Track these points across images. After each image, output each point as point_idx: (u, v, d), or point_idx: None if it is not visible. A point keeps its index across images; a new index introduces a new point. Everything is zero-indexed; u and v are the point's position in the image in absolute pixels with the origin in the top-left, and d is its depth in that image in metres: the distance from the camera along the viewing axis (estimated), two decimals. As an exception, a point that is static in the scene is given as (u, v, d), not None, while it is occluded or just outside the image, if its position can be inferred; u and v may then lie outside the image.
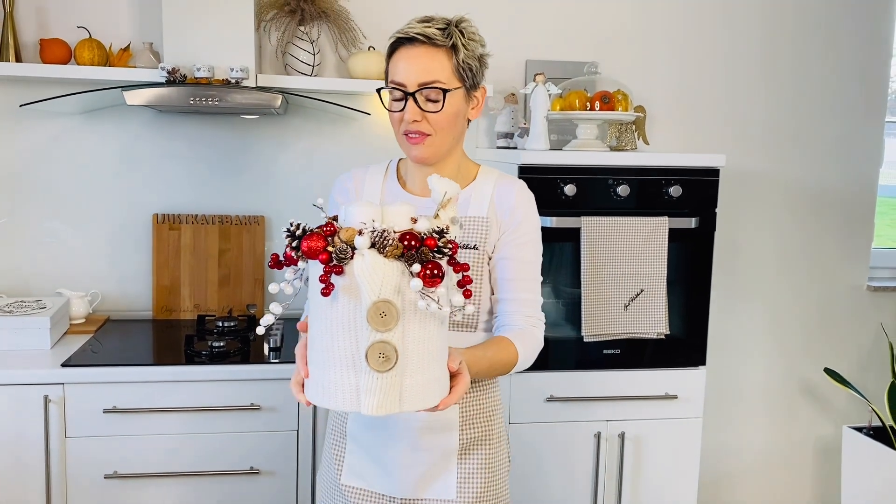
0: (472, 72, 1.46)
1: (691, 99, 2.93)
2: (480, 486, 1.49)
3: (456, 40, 1.43)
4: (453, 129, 1.47)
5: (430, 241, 1.09)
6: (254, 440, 2.20)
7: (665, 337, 2.37)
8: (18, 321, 2.25)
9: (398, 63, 1.44)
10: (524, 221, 1.52)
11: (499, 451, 1.55)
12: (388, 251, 1.07)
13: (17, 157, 2.58)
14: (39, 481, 2.12)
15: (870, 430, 2.83)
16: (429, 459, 1.47)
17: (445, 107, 1.42)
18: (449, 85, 1.43)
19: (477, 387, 1.52)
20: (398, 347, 1.07)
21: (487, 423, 1.53)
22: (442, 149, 1.48)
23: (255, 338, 2.42)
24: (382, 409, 1.08)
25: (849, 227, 3.11)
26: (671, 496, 2.48)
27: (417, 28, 1.42)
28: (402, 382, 1.09)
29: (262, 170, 2.70)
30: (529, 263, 1.52)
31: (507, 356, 1.43)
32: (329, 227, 1.10)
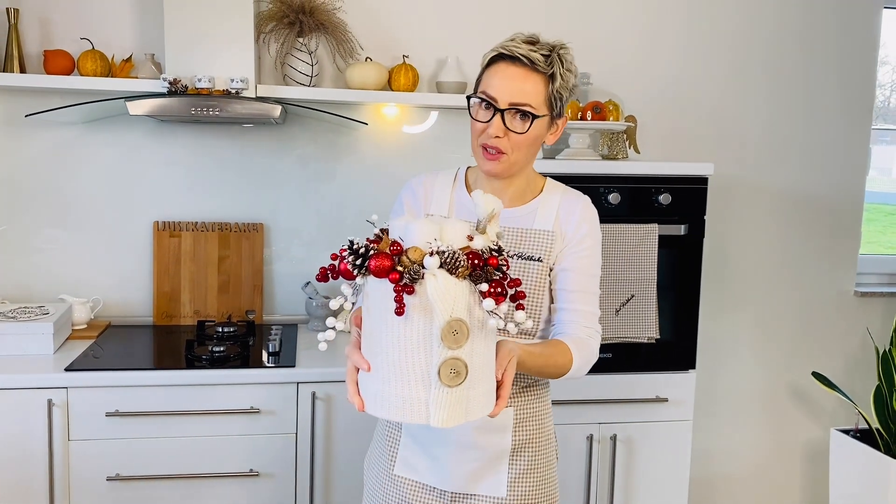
0: (562, 101, 1.50)
1: (681, 109, 2.99)
2: (531, 485, 1.54)
3: (556, 69, 1.46)
4: (530, 150, 1.50)
5: (493, 261, 1.13)
6: (253, 443, 2.25)
7: (655, 341, 2.43)
8: (22, 327, 2.30)
9: (495, 77, 1.46)
10: (588, 235, 1.54)
11: (548, 452, 1.59)
12: (460, 272, 1.11)
13: (22, 165, 2.62)
14: (43, 483, 2.16)
15: (857, 433, 2.88)
16: (481, 457, 1.51)
17: (530, 131, 1.46)
18: (538, 111, 1.46)
19: (531, 390, 1.56)
20: (468, 363, 1.12)
21: (539, 425, 1.57)
22: (514, 168, 1.51)
23: (254, 342, 2.46)
24: (451, 421, 1.12)
25: (836, 234, 3.17)
26: (662, 497, 2.54)
27: (523, 49, 1.44)
28: (469, 395, 1.14)
29: (260, 178, 2.76)
30: (589, 276, 1.54)
31: (562, 359, 1.45)
32: (396, 247, 1.12)
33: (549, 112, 1.49)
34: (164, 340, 2.52)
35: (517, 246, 1.54)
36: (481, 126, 1.47)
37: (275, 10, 2.58)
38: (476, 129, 1.50)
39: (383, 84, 2.64)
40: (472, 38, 2.81)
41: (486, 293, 1.11)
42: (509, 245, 1.54)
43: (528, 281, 1.53)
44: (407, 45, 2.77)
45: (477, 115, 1.48)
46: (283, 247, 2.79)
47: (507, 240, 1.54)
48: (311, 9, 2.58)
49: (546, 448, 1.59)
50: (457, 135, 2.83)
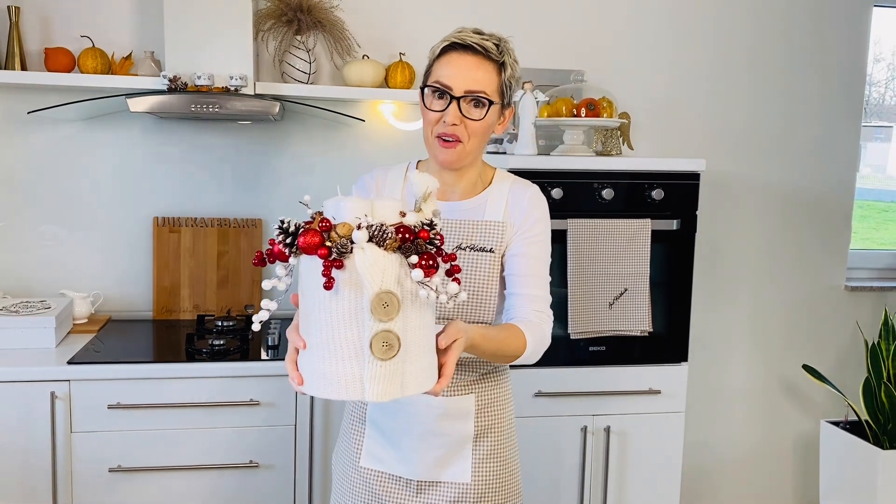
0: (510, 90, 1.53)
1: (674, 105, 3.03)
2: (494, 470, 1.58)
3: (506, 58, 1.49)
4: (483, 139, 1.53)
5: (424, 234, 1.14)
6: (253, 435, 2.29)
7: (648, 334, 2.47)
8: (25, 321, 2.33)
9: (447, 66, 1.48)
10: (536, 222, 1.56)
11: (510, 438, 1.63)
12: (388, 244, 1.11)
13: (23, 161, 2.65)
14: (46, 475, 2.19)
15: (846, 424, 2.93)
16: (445, 444, 1.54)
17: (486, 117, 1.48)
18: (492, 98, 1.49)
19: (491, 377, 1.60)
20: (400, 336, 1.12)
21: (500, 411, 1.61)
22: (469, 156, 1.53)
23: (254, 336, 2.50)
24: (386, 395, 1.12)
25: (827, 229, 3.22)
26: (656, 487, 2.58)
27: (475, 38, 1.47)
28: (404, 369, 1.14)
29: (259, 174, 2.79)
30: (539, 261, 1.56)
31: (515, 342, 1.46)
32: (325, 223, 1.13)
33: (500, 100, 1.51)
34: (165, 334, 2.55)
35: (469, 238, 1.55)
36: (436, 115, 1.49)
37: (273, 8, 2.61)
38: (430, 119, 1.50)
39: (380, 81, 2.67)
40: (467, 35, 2.84)
41: (415, 265, 1.12)
42: (461, 237, 1.55)
43: (480, 272, 1.54)
44: (403, 43, 2.80)
45: (431, 105, 1.50)
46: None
47: (459, 232, 1.56)
48: (308, 7, 2.61)
49: (508, 433, 1.62)
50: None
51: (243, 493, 2.30)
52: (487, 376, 1.60)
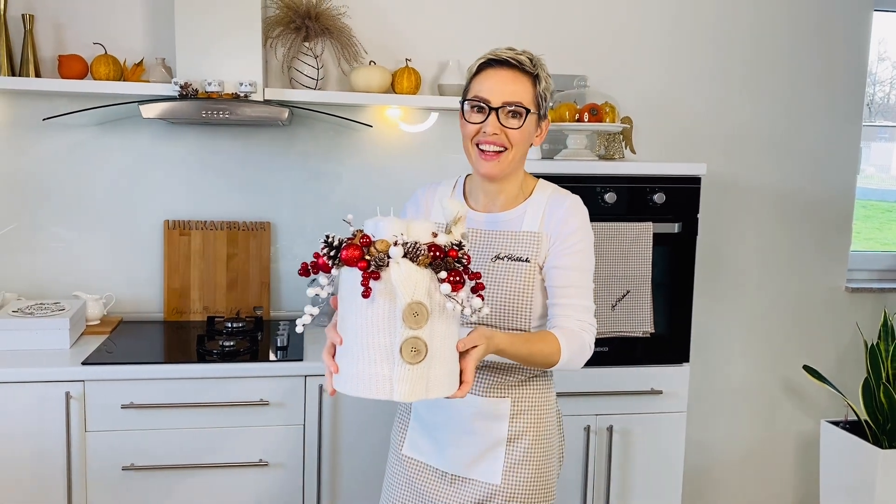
0: (546, 102, 1.60)
1: (676, 110, 3.07)
2: (525, 474, 1.60)
3: (539, 71, 1.57)
4: (523, 148, 1.59)
5: (453, 253, 1.27)
6: (263, 434, 2.33)
7: (650, 335, 2.51)
8: (39, 322, 2.38)
9: (486, 81, 1.56)
10: (574, 232, 1.59)
11: (547, 445, 1.64)
12: (420, 260, 1.24)
13: (37, 166, 2.70)
14: (61, 473, 2.25)
15: (846, 424, 2.97)
16: (479, 443, 1.60)
17: (524, 126, 1.55)
18: (530, 107, 1.56)
19: (531, 382, 1.63)
20: (427, 342, 1.24)
21: (537, 416, 1.63)
22: (510, 167, 1.59)
23: (263, 337, 2.55)
24: (412, 396, 1.23)
25: (828, 231, 3.25)
26: (658, 486, 2.62)
27: (509, 53, 1.55)
28: (429, 373, 1.25)
29: (267, 178, 2.84)
30: (578, 271, 1.59)
31: (549, 348, 1.49)
32: (365, 239, 1.26)
33: (537, 111, 1.58)
34: (175, 335, 2.60)
35: (507, 248, 1.61)
36: (475, 127, 1.56)
37: (282, 15, 2.66)
38: (469, 132, 1.58)
39: (386, 87, 2.72)
40: (472, 42, 2.90)
41: (444, 280, 1.24)
42: (500, 247, 1.61)
43: (516, 281, 1.58)
44: (409, 49, 2.85)
45: (471, 118, 1.57)
46: (289, 245, 2.88)
47: (498, 242, 1.62)
48: (316, 14, 2.66)
49: (544, 440, 1.64)
50: (457, 135, 2.91)
51: (253, 492, 2.35)
52: (527, 382, 1.63)
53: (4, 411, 2.20)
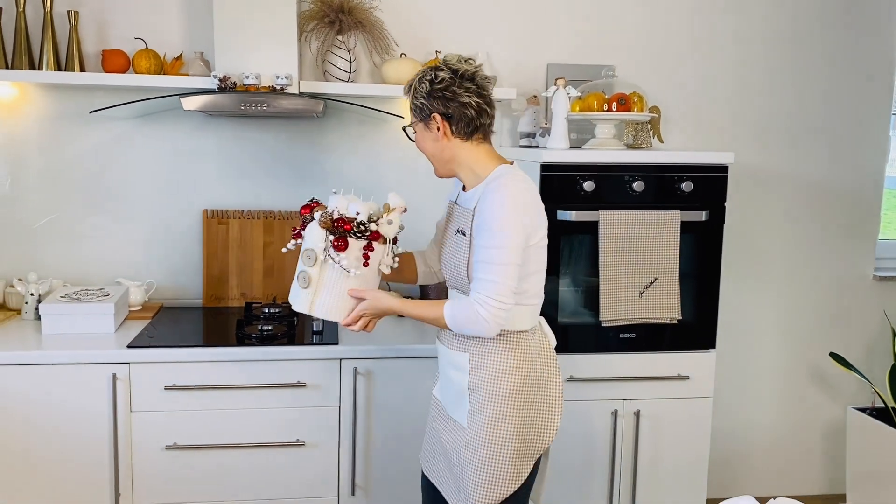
0: (420, 108, 1.88)
1: (704, 99, 3.10)
2: (482, 424, 1.86)
3: (411, 90, 1.91)
4: (425, 150, 1.93)
5: (347, 226, 1.88)
6: (299, 415, 2.42)
7: (677, 322, 2.55)
8: (86, 307, 2.48)
9: None
10: (492, 214, 1.79)
11: (503, 399, 1.86)
12: (321, 223, 1.88)
13: (82, 157, 2.81)
14: (107, 451, 2.35)
15: (873, 411, 2.99)
16: (453, 389, 1.96)
17: (416, 137, 1.95)
18: (409, 122, 1.96)
19: (488, 343, 1.88)
20: (312, 276, 1.91)
21: (491, 374, 1.87)
22: (437, 168, 1.95)
23: (300, 322, 2.63)
24: (299, 308, 1.95)
25: (856, 219, 3.26)
26: (683, 470, 2.66)
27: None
28: (314, 298, 1.92)
29: (302, 169, 2.92)
30: (484, 249, 1.80)
31: (432, 314, 1.87)
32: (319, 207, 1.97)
33: (416, 118, 1.91)
34: (215, 320, 2.69)
35: (459, 223, 1.92)
36: None
37: (316, 9, 2.72)
38: None
39: (417, 78, 2.77)
40: (501, 33, 2.94)
41: (331, 240, 1.88)
42: (458, 223, 1.93)
43: (458, 250, 1.91)
44: (439, 42, 2.90)
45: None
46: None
47: (457, 218, 1.94)
48: (349, 8, 2.72)
49: (496, 396, 1.86)
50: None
51: (290, 470, 2.43)
52: (484, 342, 1.88)
53: (54, 392, 2.30)
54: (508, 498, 1.88)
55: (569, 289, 2.63)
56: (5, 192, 2.80)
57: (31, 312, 2.62)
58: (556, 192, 2.49)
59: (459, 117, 1.85)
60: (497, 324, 1.78)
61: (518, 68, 2.98)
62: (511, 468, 1.86)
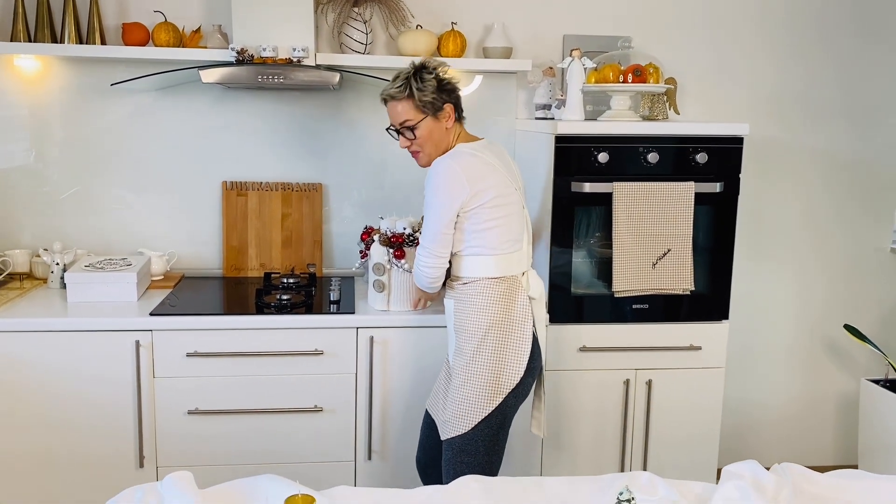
0: (433, 102, 2.10)
1: (722, 70, 3.08)
2: (463, 362, 2.14)
3: (412, 89, 2.08)
4: (431, 142, 2.15)
5: (400, 240, 2.45)
6: (317, 381, 2.47)
7: (690, 293, 2.57)
8: (110, 276, 2.54)
9: (387, 112, 2.17)
10: (427, 188, 2.11)
11: (480, 341, 2.12)
12: (381, 241, 2.47)
13: (103, 130, 2.86)
14: (131, 416, 2.42)
15: (886, 382, 3.00)
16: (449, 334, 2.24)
17: (419, 134, 2.13)
18: (415, 119, 2.12)
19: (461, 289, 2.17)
20: (386, 283, 2.48)
21: (469, 317, 2.14)
22: (430, 157, 2.16)
23: (317, 291, 2.68)
24: (379, 308, 2.51)
25: (874, 193, 3.24)
26: (695, 438, 2.70)
27: (386, 91, 2.13)
28: (389, 298, 2.50)
29: (319, 141, 2.95)
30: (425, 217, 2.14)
31: None
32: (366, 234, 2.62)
33: (425, 114, 2.11)
34: (235, 290, 2.75)
35: None
36: (398, 142, 2.20)
37: (332, -19, 2.73)
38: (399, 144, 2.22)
39: (433, 50, 2.79)
40: (516, 4, 2.94)
41: (393, 253, 2.43)
42: None
43: None
44: (455, 13, 2.91)
45: (393, 135, 2.21)
46: (339, 206, 3.00)
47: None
48: (365, -20, 2.73)
49: (470, 333, 2.13)
50: (500, 98, 2.99)
51: (308, 435, 2.50)
52: (462, 288, 2.17)
53: (80, 358, 2.38)
54: (478, 427, 2.11)
55: (583, 260, 2.65)
56: (30, 164, 2.86)
57: (57, 281, 2.69)
58: (571, 163, 2.51)
59: (458, 104, 2.16)
60: (427, 277, 2.14)
61: (534, 39, 2.98)
62: (479, 398, 2.11)
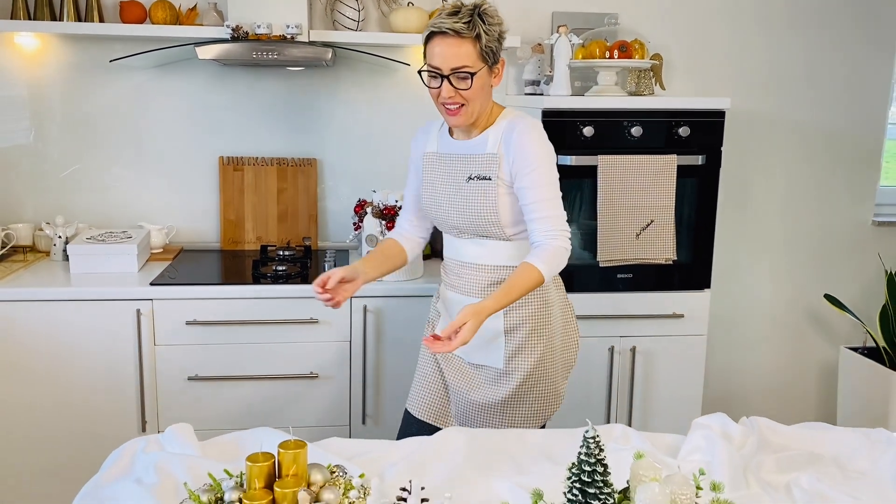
0: (494, 52, 1.81)
1: (706, 46, 3.14)
2: (525, 359, 1.93)
3: (479, 30, 1.76)
4: (481, 97, 1.83)
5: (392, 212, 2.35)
6: (313, 349, 2.56)
7: (673, 262, 2.66)
8: (111, 248, 2.62)
9: (433, 50, 1.80)
10: (530, 152, 1.83)
11: (546, 336, 1.94)
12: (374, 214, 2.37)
13: (101, 106, 2.93)
14: (133, 382, 2.51)
15: (864, 350, 3.09)
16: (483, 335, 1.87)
17: (473, 84, 1.79)
18: (475, 67, 1.78)
19: None
20: None
21: (531, 311, 1.92)
22: (474, 115, 1.85)
23: (312, 263, 2.76)
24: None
25: (856, 165, 3.32)
26: (678, 404, 2.79)
27: (447, 23, 1.75)
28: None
29: (313, 116, 3.02)
30: (541, 187, 1.83)
31: (530, 282, 1.77)
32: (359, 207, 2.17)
33: (486, 63, 1.80)
34: (232, 262, 2.83)
35: (474, 169, 1.89)
36: (436, 91, 1.82)
37: (324, -41, 2.79)
38: (433, 94, 1.85)
39: (424, 26, 2.83)
40: (507, -18, 3.00)
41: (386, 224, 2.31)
42: (470, 169, 1.89)
43: (483, 196, 1.86)
44: (446, -10, 2.96)
45: (430, 83, 1.83)
46: (335, 183, 3.07)
47: (468, 165, 1.90)
48: (357, -42, 2.79)
49: (543, 332, 1.94)
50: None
51: (305, 401, 2.59)
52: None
53: (83, 326, 2.46)
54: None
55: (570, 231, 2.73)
56: (30, 143, 2.93)
57: (60, 254, 2.77)
58: (557, 137, 2.56)
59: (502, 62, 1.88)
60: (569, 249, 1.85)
61: (523, 16, 3.04)
62: (556, 389, 2.02)
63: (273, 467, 1.30)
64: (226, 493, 1.27)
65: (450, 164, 1.95)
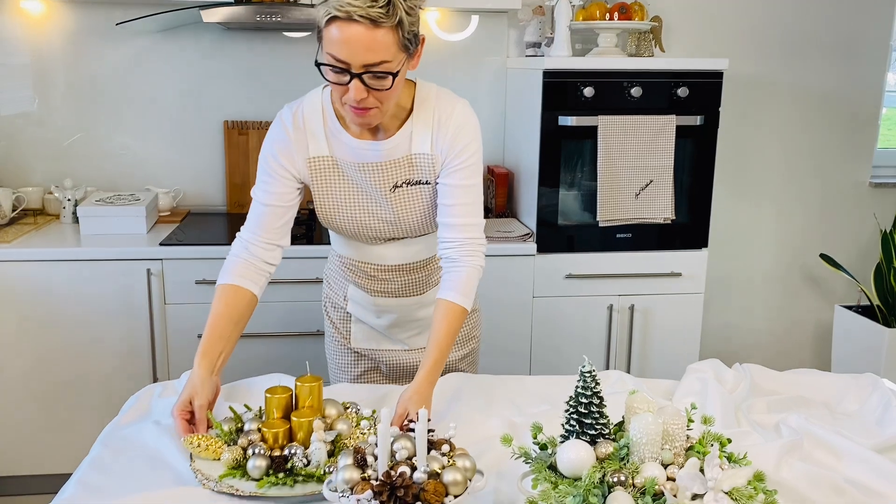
0: (416, 35, 1.40)
1: (705, 8, 3.16)
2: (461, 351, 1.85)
3: (401, 13, 1.33)
4: (397, 93, 1.45)
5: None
6: (319, 308, 2.60)
7: (671, 222, 2.70)
8: (120, 210, 2.68)
9: (339, 39, 1.32)
10: (465, 148, 1.54)
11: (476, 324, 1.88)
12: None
13: (108, 71, 2.96)
14: (146, 340, 2.58)
15: (859, 308, 3.15)
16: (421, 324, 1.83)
17: (394, 84, 1.39)
18: (395, 62, 1.36)
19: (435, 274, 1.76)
20: None
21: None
22: (388, 114, 1.48)
23: (317, 227, 2.82)
24: None
25: (854, 128, 3.35)
26: (675, 361, 2.86)
27: (360, 8, 1.29)
28: None
29: (316, 81, 3.04)
30: (468, 188, 1.54)
31: (458, 321, 1.52)
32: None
33: (407, 52, 1.40)
34: (239, 223, 2.83)
35: (404, 174, 1.55)
36: (341, 88, 1.38)
37: (326, -78, 2.79)
38: (337, 91, 1.40)
39: (427, -10, 2.86)
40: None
41: None
42: (397, 176, 1.55)
43: (422, 203, 1.59)
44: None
45: (331, 78, 1.39)
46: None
47: (394, 171, 1.55)
48: (359, -80, 2.79)
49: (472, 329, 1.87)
50: (496, 39, 3.08)
51: (310, 356, 2.65)
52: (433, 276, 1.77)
53: (95, 286, 2.52)
54: None
55: (569, 192, 2.78)
56: (34, 110, 2.97)
57: (69, 216, 2.83)
58: (558, 98, 2.62)
59: None
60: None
61: (524, -21, 3.05)
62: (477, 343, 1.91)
63: (290, 399, 1.36)
64: (246, 424, 1.34)
65: (361, 173, 1.56)
